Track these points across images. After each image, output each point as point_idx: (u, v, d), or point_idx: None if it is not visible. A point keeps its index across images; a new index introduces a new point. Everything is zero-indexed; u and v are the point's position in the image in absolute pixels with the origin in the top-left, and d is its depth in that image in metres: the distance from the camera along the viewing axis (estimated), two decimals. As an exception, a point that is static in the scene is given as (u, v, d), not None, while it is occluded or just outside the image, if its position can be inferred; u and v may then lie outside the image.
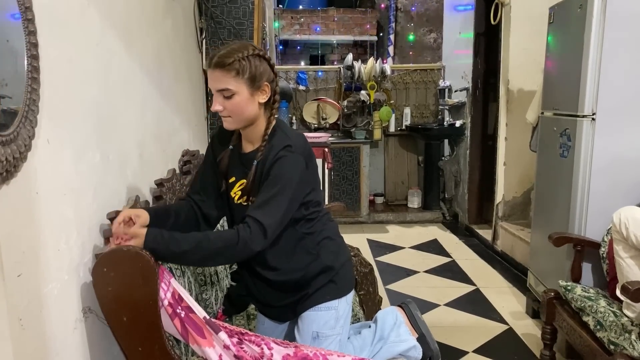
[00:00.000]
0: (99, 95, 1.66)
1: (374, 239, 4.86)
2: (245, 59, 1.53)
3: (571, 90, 2.66)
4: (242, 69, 1.53)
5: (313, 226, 1.70)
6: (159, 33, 2.49)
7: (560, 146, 2.80)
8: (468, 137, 5.01)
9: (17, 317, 1.11)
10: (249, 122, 1.62)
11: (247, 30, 3.53)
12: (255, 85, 1.56)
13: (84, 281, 1.46)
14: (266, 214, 1.50)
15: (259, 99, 1.59)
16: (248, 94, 1.56)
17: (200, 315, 1.49)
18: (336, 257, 1.74)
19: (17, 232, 1.13)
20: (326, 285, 1.71)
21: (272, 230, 1.51)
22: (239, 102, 1.55)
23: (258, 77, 1.56)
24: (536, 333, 2.93)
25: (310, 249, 1.69)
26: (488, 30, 4.64)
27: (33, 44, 1.16)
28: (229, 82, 1.53)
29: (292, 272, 1.68)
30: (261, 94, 1.58)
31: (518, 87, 4.12)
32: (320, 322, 1.70)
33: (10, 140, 1.06)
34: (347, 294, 1.76)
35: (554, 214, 2.90)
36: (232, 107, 1.56)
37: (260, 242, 1.50)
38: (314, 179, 1.70)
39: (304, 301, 1.71)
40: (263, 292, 1.77)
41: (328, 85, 5.66)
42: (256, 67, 1.55)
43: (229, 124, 1.61)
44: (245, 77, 1.54)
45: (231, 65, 1.52)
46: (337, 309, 1.72)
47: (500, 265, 4.13)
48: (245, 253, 1.51)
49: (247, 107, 1.57)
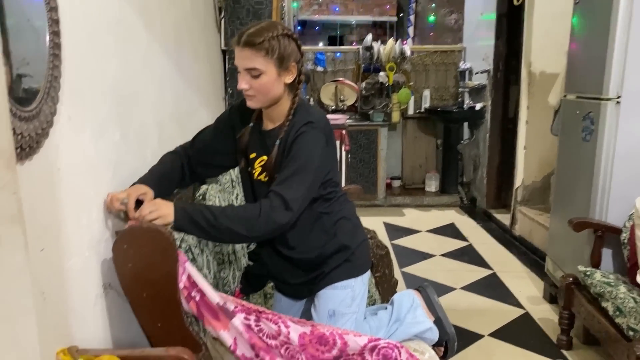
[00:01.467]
0: (118, 73, 1.66)
1: (391, 222, 4.85)
2: (274, 39, 1.51)
3: (596, 73, 2.61)
4: (271, 49, 1.51)
5: (330, 206, 1.71)
6: (178, 12, 2.48)
7: (582, 130, 2.75)
8: (488, 121, 4.95)
9: (39, 290, 1.13)
10: (273, 102, 1.61)
11: (266, 10, 3.51)
12: (284, 65, 1.55)
13: (105, 257, 1.48)
14: (288, 187, 1.50)
15: (286, 80, 1.58)
16: (275, 74, 1.55)
17: (213, 302, 1.51)
18: (352, 237, 1.74)
19: (40, 207, 1.14)
20: (342, 264, 1.72)
21: (295, 204, 1.50)
22: (266, 82, 1.54)
23: (286, 58, 1.55)
24: (553, 318, 2.92)
25: (327, 229, 1.70)
26: (510, 12, 4.55)
27: (54, 20, 1.17)
28: (257, 61, 1.52)
29: (308, 251, 1.69)
30: (288, 75, 1.58)
31: (540, 69, 4.05)
32: (337, 300, 1.71)
33: (33, 117, 1.06)
34: (363, 274, 1.76)
35: (575, 198, 2.86)
36: (258, 86, 1.55)
37: (283, 214, 1.48)
38: (333, 158, 1.70)
39: (320, 279, 1.72)
40: (280, 270, 1.79)
41: (346, 67, 5.62)
42: (285, 48, 1.53)
43: (254, 102, 1.61)
44: (274, 57, 1.52)
45: (261, 45, 1.50)
46: (353, 288, 1.73)
47: (518, 250, 4.10)
48: (269, 226, 1.49)
49: (274, 87, 1.56)
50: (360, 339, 1.55)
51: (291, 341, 1.54)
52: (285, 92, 1.61)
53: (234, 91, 3.61)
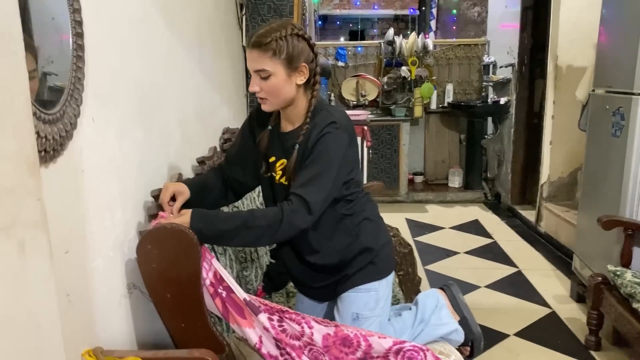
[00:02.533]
0: (141, 73, 1.66)
1: (413, 218, 4.80)
2: (282, 39, 1.48)
3: (627, 67, 2.53)
4: (279, 49, 1.48)
5: (352, 207, 1.68)
6: (199, 9, 2.48)
7: (612, 125, 2.67)
8: (513, 115, 4.86)
9: (64, 292, 1.13)
10: (286, 104, 1.58)
11: (287, 6, 3.49)
12: (293, 66, 1.51)
13: (129, 257, 1.49)
14: (310, 191, 1.48)
15: (297, 80, 1.54)
16: (285, 75, 1.51)
17: (240, 297, 1.50)
18: (376, 239, 1.71)
19: (64, 209, 1.15)
20: (366, 266, 1.68)
21: (316, 207, 1.48)
22: (275, 84, 1.52)
23: (295, 58, 1.51)
24: (581, 318, 2.85)
25: (350, 230, 1.67)
26: (536, 3, 4.46)
27: (78, 21, 1.16)
28: (265, 62, 1.50)
29: (331, 254, 1.66)
30: (299, 75, 1.54)
31: (567, 63, 3.95)
32: (360, 303, 1.68)
33: (57, 119, 1.06)
34: (387, 276, 1.73)
35: (604, 195, 2.79)
36: (268, 88, 1.53)
37: (304, 219, 1.48)
38: (355, 158, 1.67)
39: (343, 282, 1.69)
40: (302, 274, 1.76)
41: (368, 61, 5.57)
42: (294, 47, 1.50)
43: (267, 105, 1.59)
44: (282, 58, 1.49)
45: (268, 45, 1.48)
46: (377, 291, 1.69)
47: (544, 247, 4.02)
48: (290, 231, 1.49)
49: (284, 88, 1.53)
50: (385, 341, 1.52)
51: (315, 342, 1.52)
52: (300, 93, 1.58)
53: (256, 88, 3.60)
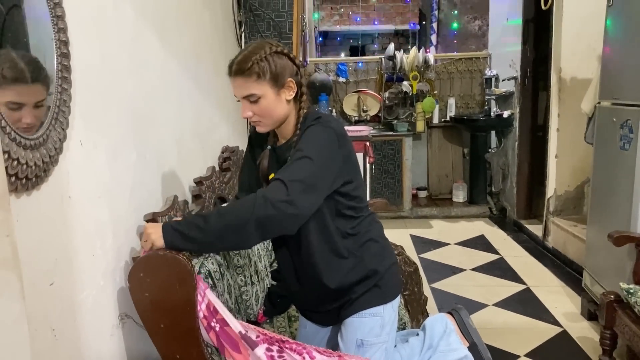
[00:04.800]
0: (134, 92, 1.61)
1: (418, 234, 4.72)
2: (263, 60, 1.46)
3: (634, 78, 2.47)
4: (262, 71, 1.46)
5: (357, 226, 1.61)
6: (196, 27, 2.44)
7: (620, 138, 2.61)
8: (516, 128, 4.80)
9: (49, 327, 1.07)
10: (281, 121, 1.56)
11: (287, 22, 3.46)
12: (279, 83, 1.49)
13: (121, 286, 1.42)
14: (287, 171, 1.40)
15: (286, 97, 1.52)
16: (274, 95, 1.49)
17: (235, 330, 1.43)
18: (381, 261, 1.64)
19: (49, 239, 1.08)
20: (370, 290, 1.61)
21: (294, 185, 1.36)
22: (267, 105, 1.49)
23: (280, 75, 1.49)
24: (593, 337, 2.76)
25: (354, 251, 1.60)
26: (538, 16, 4.41)
27: (63, 41, 1.11)
28: (252, 87, 1.47)
29: (334, 276, 1.59)
30: (287, 91, 1.52)
31: (571, 75, 3.90)
32: (365, 329, 1.61)
33: (40, 144, 1.01)
34: (392, 300, 1.66)
35: (613, 210, 2.71)
36: (260, 111, 1.50)
37: (279, 192, 1.34)
38: (353, 169, 1.59)
39: (347, 307, 1.62)
40: (305, 298, 1.71)
41: (369, 77, 5.53)
42: (276, 65, 1.48)
43: (263, 127, 1.56)
44: (267, 78, 1.47)
45: (250, 70, 1.45)
46: (382, 316, 1.62)
47: (552, 263, 3.93)
48: (267, 208, 1.33)
49: (276, 107, 1.51)
50: (391, 370, 1.45)
51: (317, 373, 1.45)
52: (291, 108, 1.56)
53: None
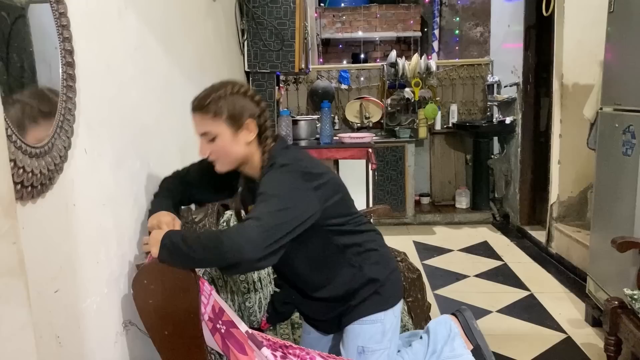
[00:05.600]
0: (138, 101, 1.62)
1: (421, 241, 4.72)
2: (222, 99, 1.45)
3: (635, 84, 2.48)
4: (219, 110, 1.45)
5: (353, 237, 1.61)
6: (199, 35, 2.46)
7: (623, 144, 2.61)
8: (519, 134, 4.81)
9: (54, 334, 1.07)
10: (239, 162, 1.54)
11: (289, 30, 3.48)
12: (237, 124, 1.47)
13: (125, 293, 1.43)
14: (256, 209, 1.37)
15: (246, 138, 1.49)
16: (230, 135, 1.47)
17: (242, 330, 1.43)
18: (381, 269, 1.64)
19: (54, 246, 1.09)
20: (370, 297, 1.61)
21: (267, 217, 1.33)
22: (222, 145, 1.48)
23: (238, 116, 1.47)
24: (597, 343, 2.75)
25: (353, 263, 1.60)
26: (540, 22, 4.43)
27: (68, 50, 1.12)
28: (208, 124, 1.47)
29: (335, 288, 1.60)
30: (246, 133, 1.49)
31: (573, 81, 3.90)
32: (366, 336, 1.61)
33: (45, 152, 1.01)
34: (393, 306, 1.65)
35: (617, 215, 2.71)
36: (217, 150, 1.49)
37: (252, 226, 1.31)
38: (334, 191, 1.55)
39: (348, 314, 1.62)
40: (306, 307, 1.71)
41: (371, 84, 5.55)
42: (234, 106, 1.46)
43: (219, 166, 1.55)
44: (223, 118, 1.45)
45: (208, 107, 1.45)
46: (383, 322, 1.61)
47: (556, 269, 3.92)
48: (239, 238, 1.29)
49: (232, 148, 1.49)
50: (394, 376, 1.45)
51: (320, 379, 1.45)
52: (253, 150, 1.53)
53: (258, 112, 3.58)
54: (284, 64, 3.53)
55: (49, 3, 1.07)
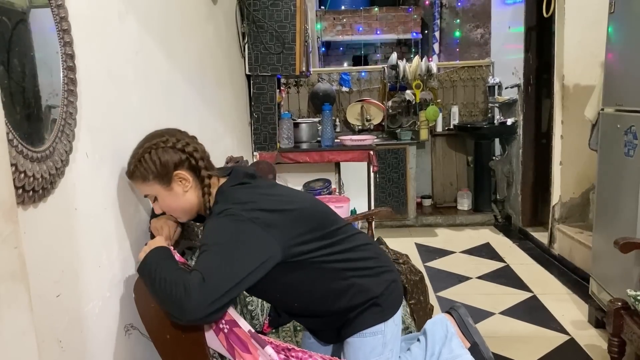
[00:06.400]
0: (139, 104, 1.62)
1: (423, 243, 4.71)
2: (141, 161, 1.40)
3: (637, 84, 2.47)
4: (143, 173, 1.41)
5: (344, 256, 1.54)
6: (200, 39, 2.46)
7: (625, 145, 2.60)
8: (520, 136, 4.80)
9: (56, 338, 1.07)
10: (194, 211, 1.50)
11: (289, 33, 3.48)
12: (166, 180, 1.42)
13: (127, 297, 1.42)
14: (198, 263, 1.32)
15: (182, 189, 1.44)
16: (165, 191, 1.44)
17: (245, 329, 1.42)
18: (380, 281, 1.59)
19: (56, 250, 1.09)
20: (370, 308, 1.56)
21: (207, 277, 1.25)
22: (164, 203, 1.46)
23: (162, 172, 1.41)
24: (601, 344, 2.74)
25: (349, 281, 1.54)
26: (540, 24, 4.43)
27: (69, 55, 1.13)
28: (142, 188, 1.45)
29: (332, 305, 1.56)
30: (180, 184, 1.44)
31: (574, 82, 3.90)
32: (367, 349, 1.57)
33: (46, 156, 1.02)
34: (393, 315, 1.61)
35: (619, 216, 2.70)
36: (164, 208, 1.47)
37: (195, 288, 1.23)
38: (304, 219, 1.47)
39: (347, 326, 1.58)
40: (303, 321, 1.73)
41: (372, 86, 5.55)
42: (155, 163, 1.40)
43: (181, 219, 1.53)
44: (150, 179, 1.41)
45: (134, 174, 1.42)
46: (383, 333, 1.58)
47: (558, 270, 3.91)
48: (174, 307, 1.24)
49: (175, 202, 1.46)
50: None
51: (323, 381, 1.44)
52: (197, 194, 1.47)
53: (260, 116, 3.58)
54: (284, 67, 3.53)
55: (50, 8, 1.07)
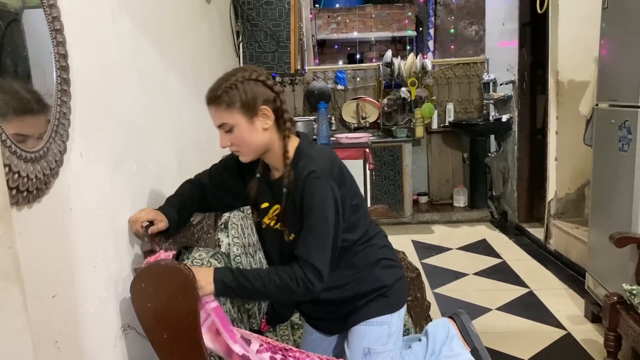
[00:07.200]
0: (134, 104, 1.62)
1: (419, 240, 4.72)
2: (233, 87, 1.41)
3: (630, 80, 2.48)
4: (231, 100, 1.41)
5: (365, 246, 1.61)
6: (194, 38, 2.46)
7: (619, 140, 2.61)
8: (515, 132, 4.81)
9: (52, 339, 1.07)
10: (262, 151, 1.50)
11: (284, 32, 3.48)
12: (251, 112, 1.43)
13: (124, 297, 1.42)
14: (318, 257, 1.41)
15: (262, 125, 1.45)
16: (246, 124, 1.43)
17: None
18: (391, 274, 1.64)
19: (51, 251, 1.09)
20: (378, 298, 1.61)
21: (326, 271, 1.43)
22: (240, 135, 1.44)
23: (252, 103, 1.42)
24: (597, 339, 2.75)
25: (362, 269, 1.60)
26: (534, 20, 4.44)
27: (62, 55, 1.12)
28: (222, 116, 1.43)
29: (344, 291, 1.60)
30: (262, 119, 1.45)
31: (568, 78, 3.91)
32: (372, 337, 1.60)
33: (40, 157, 1.01)
34: (399, 309, 1.66)
35: (614, 211, 2.71)
36: (236, 140, 1.46)
37: (318, 285, 1.42)
38: (354, 194, 1.56)
39: (354, 314, 1.62)
40: (311, 308, 1.71)
41: (367, 84, 5.55)
42: (246, 93, 1.41)
43: (243, 157, 1.52)
44: (237, 107, 1.41)
45: (220, 98, 1.41)
46: (389, 324, 1.62)
47: (554, 266, 3.92)
48: (307, 296, 1.44)
49: (252, 136, 1.45)
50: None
51: (321, 380, 1.45)
52: (272, 136, 1.49)
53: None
54: (279, 66, 3.53)
55: (42, 8, 1.06)
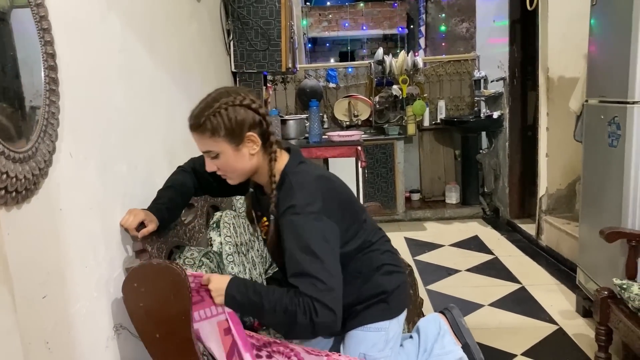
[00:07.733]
0: (123, 103, 1.61)
1: (412, 237, 4.74)
2: (216, 115, 1.37)
3: (619, 76, 2.49)
4: (215, 128, 1.37)
5: (366, 253, 1.60)
6: (184, 37, 2.45)
7: (608, 135, 2.63)
8: (507, 129, 4.84)
9: (43, 340, 1.06)
10: (250, 174, 1.50)
11: (275, 30, 3.47)
12: (237, 140, 1.40)
13: (115, 297, 1.42)
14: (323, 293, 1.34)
15: (249, 151, 1.43)
16: (232, 151, 1.41)
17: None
18: (390, 281, 1.62)
19: (41, 252, 1.08)
20: (377, 304, 1.59)
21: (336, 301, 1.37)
22: (227, 161, 1.43)
23: (237, 131, 1.39)
24: (589, 333, 2.77)
25: (364, 275, 1.59)
26: (524, 17, 4.46)
27: (50, 54, 1.12)
28: (207, 143, 1.40)
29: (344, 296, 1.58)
30: (249, 145, 1.43)
31: (558, 74, 3.93)
32: (369, 343, 1.59)
33: (29, 157, 1.01)
34: (399, 315, 1.64)
35: (604, 207, 2.73)
36: (222, 166, 1.45)
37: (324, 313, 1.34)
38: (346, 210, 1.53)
39: (352, 318, 1.60)
40: None
41: (359, 82, 5.56)
42: (231, 120, 1.38)
43: (231, 181, 1.51)
44: (222, 135, 1.38)
45: (204, 126, 1.38)
46: (387, 331, 1.60)
47: (546, 261, 3.95)
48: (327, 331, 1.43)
49: (238, 163, 1.44)
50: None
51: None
52: (259, 159, 1.47)
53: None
54: (271, 64, 3.52)
55: (30, 7, 1.06)
